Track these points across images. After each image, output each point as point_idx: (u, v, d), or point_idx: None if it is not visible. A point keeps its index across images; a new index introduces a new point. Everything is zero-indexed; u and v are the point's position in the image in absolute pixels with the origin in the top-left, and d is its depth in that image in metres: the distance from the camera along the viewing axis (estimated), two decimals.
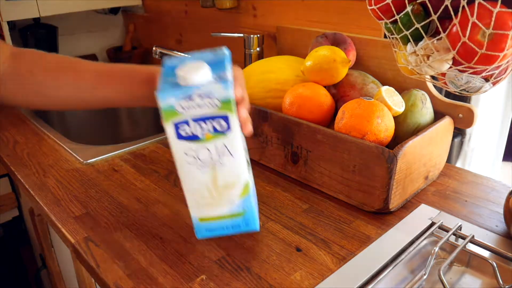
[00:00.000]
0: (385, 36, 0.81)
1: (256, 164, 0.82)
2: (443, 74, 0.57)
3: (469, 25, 0.48)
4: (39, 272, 1.20)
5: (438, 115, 0.72)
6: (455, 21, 0.50)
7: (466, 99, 0.79)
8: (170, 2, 1.40)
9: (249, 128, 0.55)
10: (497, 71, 0.53)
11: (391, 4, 0.54)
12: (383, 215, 0.66)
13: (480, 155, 0.88)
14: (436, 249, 0.55)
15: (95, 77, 0.63)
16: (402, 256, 0.56)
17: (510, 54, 0.49)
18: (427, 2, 0.51)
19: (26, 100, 0.64)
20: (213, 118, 0.50)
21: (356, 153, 0.64)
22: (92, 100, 0.65)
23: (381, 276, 0.52)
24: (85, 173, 0.80)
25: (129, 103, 0.66)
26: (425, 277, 0.52)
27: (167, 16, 1.44)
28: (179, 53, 1.20)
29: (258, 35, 1.03)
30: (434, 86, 0.73)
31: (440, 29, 0.51)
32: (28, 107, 0.64)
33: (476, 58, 0.50)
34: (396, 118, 0.68)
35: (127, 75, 0.63)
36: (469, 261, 0.58)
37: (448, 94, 0.76)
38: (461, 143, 0.86)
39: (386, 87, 0.69)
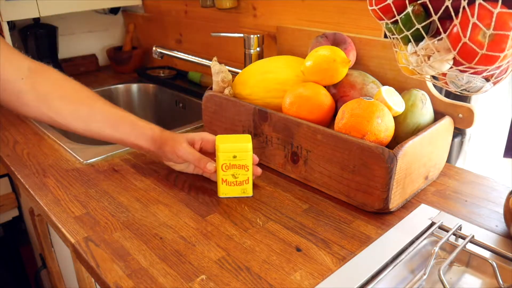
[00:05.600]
0: (385, 36, 0.81)
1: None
2: (444, 74, 0.57)
3: (470, 25, 0.48)
4: (39, 272, 1.20)
5: (438, 115, 0.72)
6: (456, 21, 0.50)
7: (466, 99, 0.79)
8: (170, 2, 1.40)
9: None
10: (497, 71, 0.53)
11: (391, 5, 0.54)
12: (383, 215, 0.66)
13: (480, 153, 0.88)
14: (436, 249, 0.55)
15: (106, 121, 0.74)
16: (402, 256, 0.56)
17: (511, 54, 0.49)
18: (428, 2, 0.51)
19: (36, 117, 0.72)
20: None
21: (356, 153, 0.64)
22: (97, 136, 0.76)
23: (381, 276, 0.52)
24: (85, 173, 0.80)
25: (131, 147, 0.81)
26: (425, 277, 0.52)
27: (167, 16, 1.44)
28: (179, 53, 1.21)
29: (258, 35, 1.03)
30: (434, 86, 0.73)
31: (441, 30, 0.51)
32: (37, 121, 0.77)
33: (476, 59, 0.50)
34: (396, 118, 0.68)
35: (134, 129, 0.75)
36: (469, 261, 0.58)
37: (448, 94, 0.76)
38: (461, 143, 0.86)
39: (386, 87, 0.69)
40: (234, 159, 0.68)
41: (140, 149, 0.77)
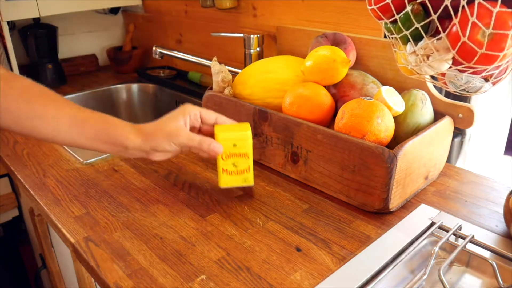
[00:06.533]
0: (385, 36, 0.81)
1: (256, 164, 0.82)
2: (443, 74, 0.57)
3: (469, 25, 0.48)
4: (39, 272, 1.20)
5: (438, 115, 0.72)
6: (455, 20, 0.50)
7: (466, 99, 0.79)
8: (170, 2, 1.40)
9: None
10: (497, 71, 0.53)
11: (391, 4, 0.54)
12: (383, 215, 0.66)
13: (480, 153, 0.88)
14: (436, 249, 0.55)
15: (72, 123, 0.63)
16: (402, 256, 0.56)
17: (510, 54, 0.49)
18: (427, 1, 0.51)
19: (3, 123, 0.63)
20: None
21: (356, 153, 0.64)
22: (64, 140, 0.65)
23: (381, 276, 0.52)
24: (85, 173, 0.80)
25: (101, 151, 0.67)
26: (425, 277, 0.52)
27: (167, 16, 1.44)
28: (179, 53, 1.21)
29: (258, 35, 1.03)
30: (434, 86, 0.73)
31: (440, 29, 0.51)
32: (4, 129, 0.66)
33: (476, 58, 0.50)
34: (396, 118, 0.68)
35: (102, 133, 0.64)
36: (469, 261, 0.58)
37: (448, 94, 0.76)
38: (461, 143, 0.86)
39: (386, 87, 0.69)
40: (234, 148, 0.67)
41: (121, 148, 0.65)
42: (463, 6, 0.49)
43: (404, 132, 0.69)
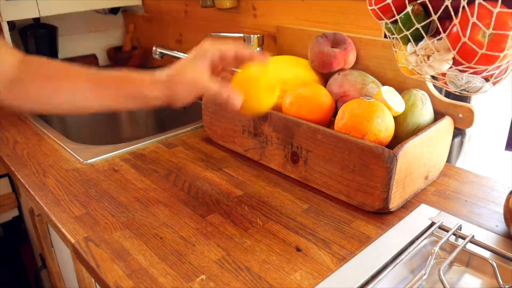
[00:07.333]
0: (385, 36, 0.81)
1: (256, 164, 0.82)
2: (444, 74, 0.57)
3: (469, 25, 0.48)
4: (39, 272, 1.20)
5: (438, 115, 0.72)
6: (455, 21, 0.50)
7: (466, 99, 0.79)
8: (170, 2, 1.40)
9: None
10: (497, 71, 0.53)
11: (391, 4, 0.54)
12: (383, 215, 0.66)
13: (480, 153, 0.88)
14: (436, 249, 0.55)
15: (90, 85, 0.63)
16: (402, 256, 0.56)
17: (510, 54, 0.49)
18: (427, 2, 0.51)
19: (27, 106, 0.64)
20: None
21: (356, 153, 0.64)
22: (87, 107, 0.64)
23: (381, 276, 0.52)
24: (85, 173, 0.80)
25: (125, 108, 0.66)
26: (425, 277, 0.52)
27: (167, 16, 1.44)
28: (179, 53, 1.20)
29: (258, 35, 1.03)
30: (434, 86, 0.73)
31: (441, 29, 0.51)
32: (29, 112, 0.68)
33: (476, 58, 0.50)
34: (396, 118, 0.68)
35: (119, 83, 0.63)
36: (469, 261, 0.58)
37: (448, 94, 0.76)
38: (461, 143, 0.86)
39: (386, 87, 0.69)
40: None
41: (144, 101, 0.64)
42: (463, 7, 0.49)
43: (404, 132, 0.69)
